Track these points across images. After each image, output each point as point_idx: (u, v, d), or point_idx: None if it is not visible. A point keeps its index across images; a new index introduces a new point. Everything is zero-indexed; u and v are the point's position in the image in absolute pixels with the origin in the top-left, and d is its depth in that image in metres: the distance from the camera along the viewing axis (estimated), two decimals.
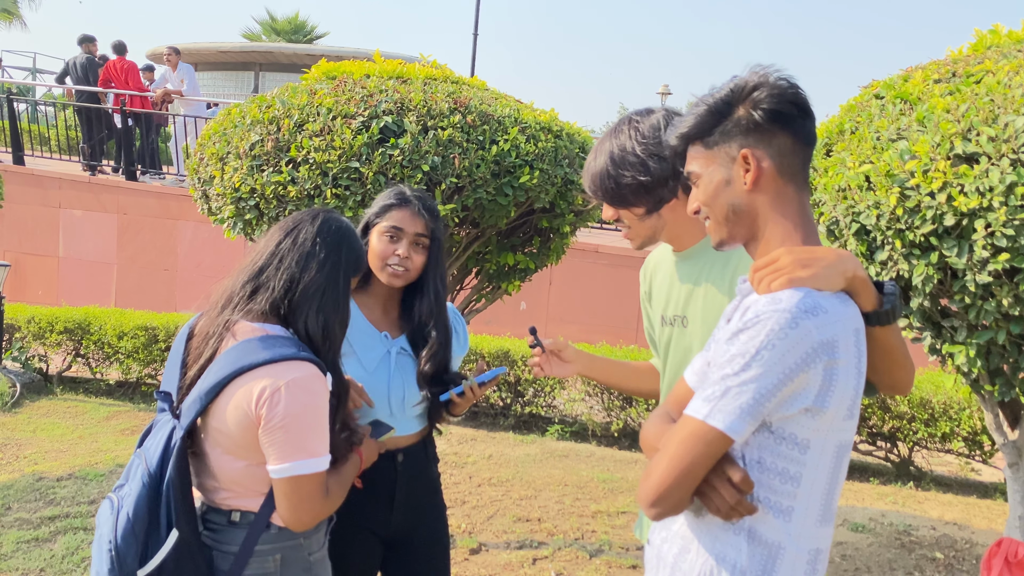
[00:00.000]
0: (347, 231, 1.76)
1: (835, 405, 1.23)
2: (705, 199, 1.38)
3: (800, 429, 1.23)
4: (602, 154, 1.74)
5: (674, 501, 1.24)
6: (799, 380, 1.19)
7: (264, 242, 1.74)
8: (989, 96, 2.43)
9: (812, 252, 1.26)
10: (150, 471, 1.60)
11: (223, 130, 3.31)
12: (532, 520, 4.16)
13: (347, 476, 1.76)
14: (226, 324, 1.66)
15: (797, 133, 1.31)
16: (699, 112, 1.35)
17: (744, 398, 1.19)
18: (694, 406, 1.23)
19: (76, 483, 4.48)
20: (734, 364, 1.20)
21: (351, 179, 2.99)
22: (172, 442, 1.61)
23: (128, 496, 1.61)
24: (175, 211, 9.68)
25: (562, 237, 3.61)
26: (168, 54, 10.75)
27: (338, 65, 3.55)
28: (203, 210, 3.51)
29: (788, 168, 1.32)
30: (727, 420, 1.20)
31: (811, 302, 1.20)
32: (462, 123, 3.09)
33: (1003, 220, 2.24)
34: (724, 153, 1.33)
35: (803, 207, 1.34)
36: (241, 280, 1.71)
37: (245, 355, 1.59)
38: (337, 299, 1.70)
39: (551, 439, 5.63)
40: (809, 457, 1.24)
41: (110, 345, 6.37)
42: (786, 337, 1.17)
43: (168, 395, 1.70)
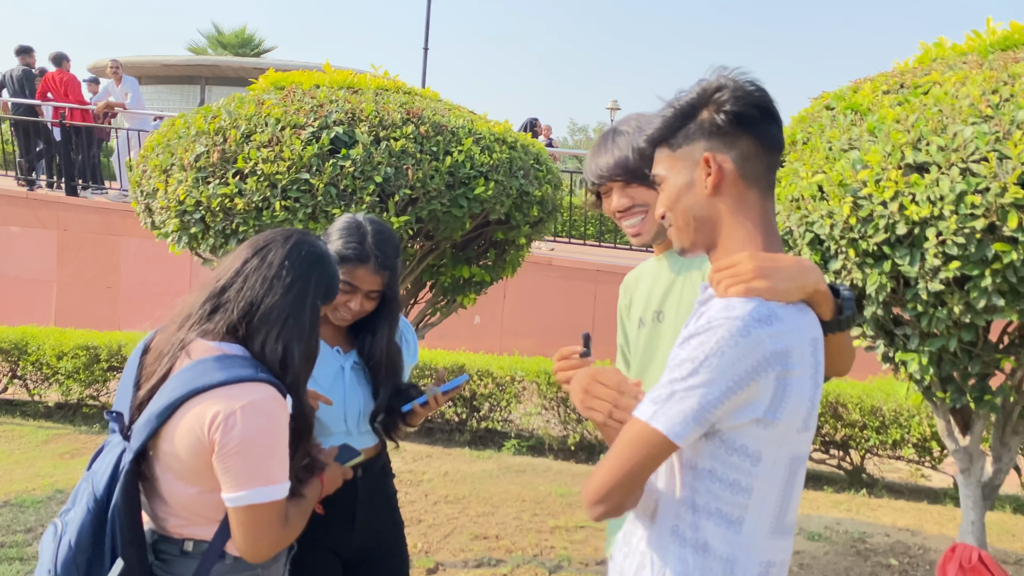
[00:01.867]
0: (320, 256, 1.67)
1: (788, 417, 1.20)
2: (668, 203, 1.35)
3: (751, 440, 1.21)
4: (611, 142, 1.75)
5: (614, 502, 1.22)
6: (749, 390, 1.16)
7: (230, 259, 1.65)
8: (937, 107, 2.47)
9: (775, 261, 1.24)
10: (96, 495, 1.51)
11: (167, 141, 3.20)
12: (490, 537, 4.09)
13: (308, 503, 1.68)
14: (181, 342, 1.57)
15: (761, 137, 1.28)
16: (666, 115, 1.32)
17: (688, 403, 1.16)
18: (641, 408, 1.21)
19: (12, 511, 4.27)
20: (682, 368, 1.17)
21: (301, 191, 2.90)
22: (121, 465, 1.52)
23: (72, 522, 1.52)
24: (118, 227, 9.41)
25: (518, 249, 3.57)
26: (112, 67, 10.48)
27: (286, 75, 3.48)
28: (146, 224, 3.38)
29: (751, 172, 1.29)
30: (669, 424, 1.17)
31: (765, 311, 1.17)
32: (415, 134, 3.03)
33: (954, 228, 2.26)
34: (688, 156, 1.31)
35: (765, 213, 1.32)
36: (201, 297, 1.61)
37: (199, 376, 1.50)
38: (302, 327, 1.60)
39: (507, 454, 5.56)
40: (761, 469, 1.22)
41: (49, 366, 6.13)
42: (736, 345, 1.15)
43: (119, 415, 1.60)
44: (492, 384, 5.70)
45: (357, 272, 1.96)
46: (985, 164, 2.23)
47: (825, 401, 5.21)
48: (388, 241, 2.02)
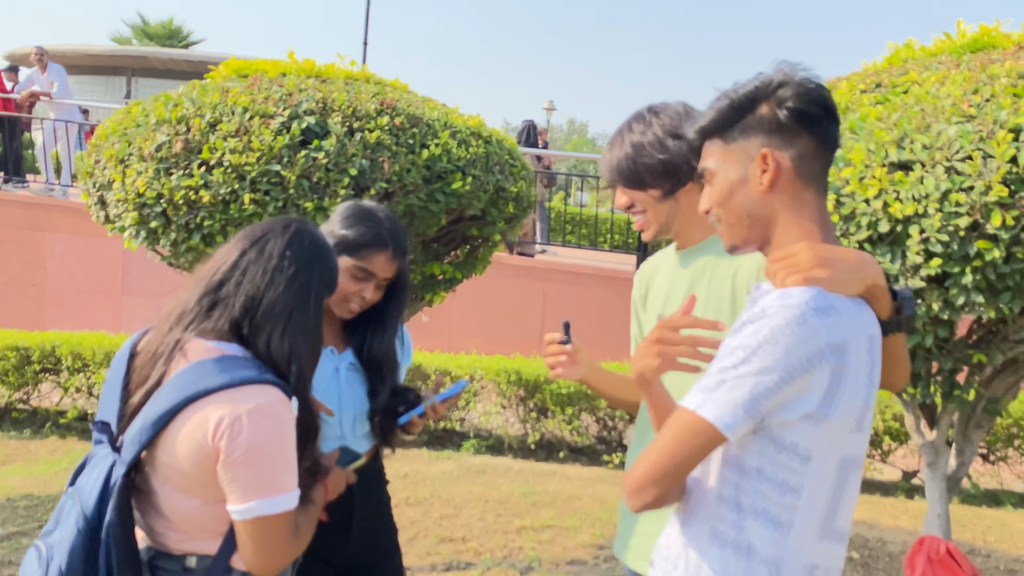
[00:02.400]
0: (322, 246, 1.57)
1: (841, 415, 1.17)
2: (719, 198, 1.31)
3: (802, 438, 1.17)
4: (620, 141, 1.71)
5: (657, 493, 1.18)
6: (802, 381, 1.13)
7: (225, 252, 1.53)
8: (919, 106, 2.50)
9: (833, 252, 1.21)
10: (86, 514, 1.38)
11: (123, 130, 3.02)
12: (456, 540, 4.01)
13: (315, 510, 1.58)
14: (177, 343, 1.45)
15: (821, 136, 1.26)
16: (720, 106, 1.28)
17: (739, 392, 1.12)
18: (689, 397, 1.17)
19: None
20: (734, 356, 1.13)
21: (271, 183, 2.77)
22: (112, 480, 1.40)
23: (59, 544, 1.39)
24: (44, 222, 8.96)
25: (491, 246, 3.50)
26: (36, 54, 9.96)
27: (250, 63, 3.33)
28: (98, 218, 3.19)
29: (808, 171, 1.26)
30: (718, 413, 1.13)
31: (823, 301, 1.14)
32: (390, 125, 2.93)
33: (937, 226, 2.29)
34: (742, 151, 1.27)
35: (822, 211, 1.29)
36: (197, 294, 1.50)
37: (199, 379, 1.39)
38: (306, 323, 1.50)
39: (467, 454, 5.49)
40: (810, 469, 1.18)
41: None
42: (792, 333, 1.11)
43: (106, 425, 1.47)
44: (449, 383, 5.61)
45: (376, 259, 1.85)
46: (969, 163, 2.26)
47: None
48: (401, 227, 1.95)
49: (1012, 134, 2.24)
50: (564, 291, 8.34)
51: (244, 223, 2.81)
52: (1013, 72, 2.46)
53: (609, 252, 9.85)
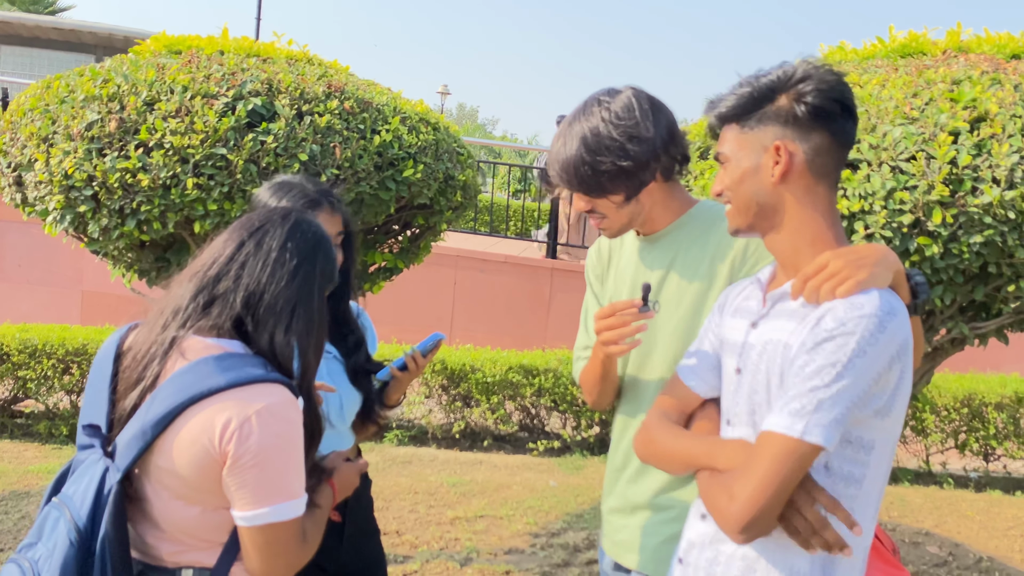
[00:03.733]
0: (322, 237, 1.48)
1: (901, 404, 1.22)
2: (730, 183, 1.33)
3: (867, 431, 1.21)
4: (572, 139, 1.60)
5: (767, 523, 1.17)
6: (880, 383, 1.17)
7: (221, 243, 1.43)
8: (863, 107, 2.62)
9: (855, 251, 1.24)
10: (78, 525, 1.27)
11: (44, 106, 2.78)
12: (390, 533, 3.94)
13: (322, 515, 1.51)
14: (173, 341, 1.35)
15: (836, 133, 1.28)
16: (741, 93, 1.29)
17: (838, 409, 1.14)
18: (782, 422, 1.16)
19: None
20: (824, 376, 1.14)
21: (216, 167, 2.63)
22: (106, 488, 1.29)
23: (47, 559, 1.27)
24: None
25: (435, 235, 3.45)
26: None
27: (182, 38, 3.13)
28: (12, 200, 2.93)
29: (820, 167, 1.28)
30: (825, 433, 1.14)
31: (888, 303, 1.17)
32: (340, 109, 2.83)
33: (882, 223, 2.41)
34: (757, 140, 1.29)
35: (832, 206, 1.32)
36: (192, 289, 1.39)
37: (201, 378, 1.30)
38: (310, 317, 1.42)
39: (390, 445, 5.40)
40: (872, 458, 1.23)
41: None
42: (876, 343, 1.14)
43: (97, 428, 1.35)
44: None
45: (319, 216, 1.77)
46: (913, 163, 2.39)
47: None
48: (326, 185, 1.90)
49: (951, 136, 2.38)
50: (474, 278, 8.32)
51: (186, 208, 2.66)
52: (948, 78, 2.61)
53: (515, 240, 9.89)
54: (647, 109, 1.59)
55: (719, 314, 1.45)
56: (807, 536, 1.19)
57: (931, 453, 5.65)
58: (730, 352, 1.36)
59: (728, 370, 1.36)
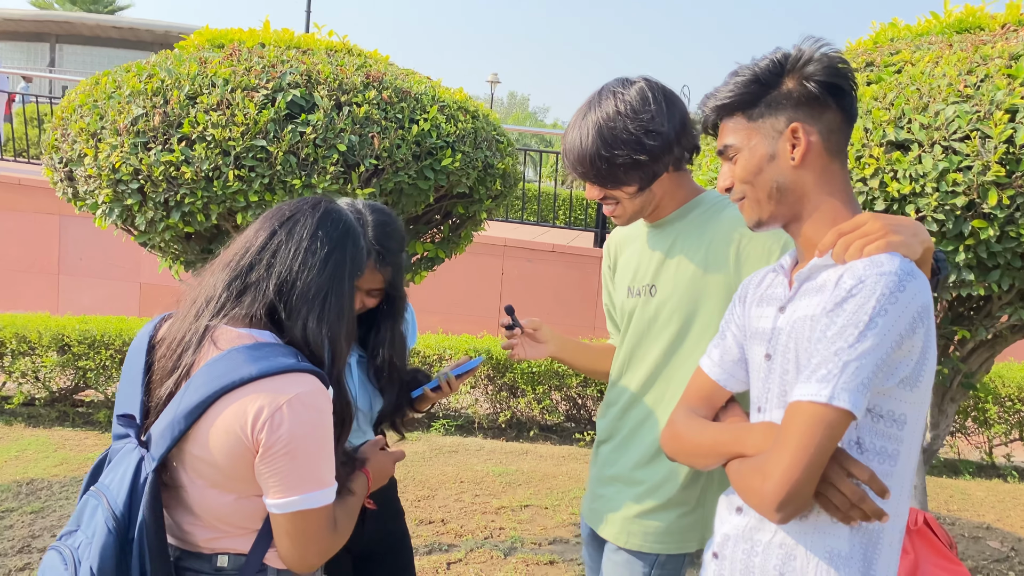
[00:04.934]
0: (352, 226, 1.49)
1: (928, 374, 1.17)
2: (744, 175, 1.29)
3: (897, 404, 1.17)
4: (588, 131, 1.63)
5: (804, 497, 1.13)
6: (904, 347, 1.12)
7: (252, 233, 1.45)
8: (915, 85, 2.52)
9: (894, 219, 1.21)
10: (116, 514, 1.29)
11: (93, 102, 2.85)
12: (436, 522, 3.97)
13: (354, 503, 1.52)
14: (206, 330, 1.37)
15: (846, 108, 1.26)
16: (742, 81, 1.26)
17: (865, 371, 1.10)
18: (808, 390, 1.11)
19: None
20: (847, 336, 1.10)
21: (256, 159, 2.66)
22: (142, 476, 1.31)
23: (88, 546, 1.30)
24: None
25: (475, 225, 3.44)
26: None
27: (225, 32, 3.17)
28: (64, 195, 3.02)
29: (835, 144, 1.27)
30: (852, 398, 1.09)
31: (908, 266, 1.13)
32: (378, 99, 2.84)
33: (934, 205, 2.32)
34: (769, 126, 1.26)
35: (847, 184, 1.30)
36: (224, 279, 1.41)
37: (233, 368, 1.31)
38: (341, 305, 1.43)
39: (436, 434, 5.43)
40: (906, 433, 1.19)
41: None
42: (897, 301, 1.10)
43: (131, 418, 1.38)
44: (418, 363, 5.53)
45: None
46: (968, 143, 2.29)
47: None
48: (391, 234, 1.83)
49: (1008, 114, 2.28)
50: (521, 267, 8.31)
51: (228, 200, 2.70)
52: (1006, 53, 2.49)
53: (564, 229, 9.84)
54: (661, 101, 1.62)
55: (740, 305, 1.42)
56: (845, 510, 1.15)
57: (994, 445, 5.45)
58: (759, 340, 1.32)
59: (756, 358, 1.32)
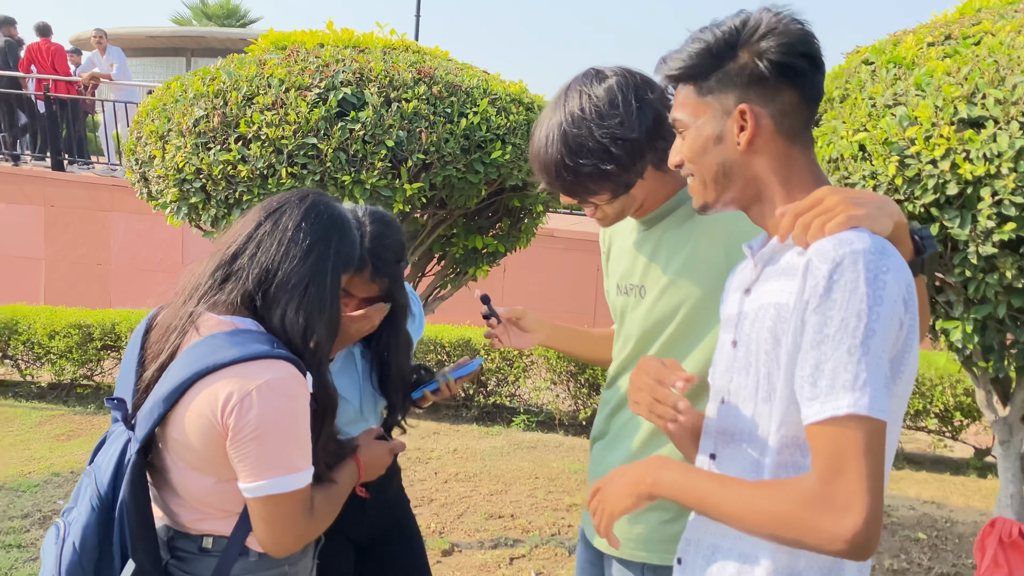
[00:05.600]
0: (339, 219, 1.50)
1: (910, 366, 1.05)
2: (691, 155, 1.18)
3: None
4: (552, 136, 1.50)
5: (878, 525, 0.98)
6: (899, 331, 1.00)
7: (241, 224, 1.48)
8: (992, 57, 2.30)
9: (857, 192, 1.08)
10: (100, 493, 1.36)
11: (162, 106, 3.01)
12: (505, 516, 3.96)
13: (339, 490, 1.53)
14: (190, 316, 1.41)
15: (805, 89, 1.12)
16: (696, 51, 1.13)
17: (884, 368, 0.97)
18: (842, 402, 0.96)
19: (7, 495, 4.12)
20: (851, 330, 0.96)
21: (308, 156, 2.72)
22: (126, 458, 1.36)
23: (75, 523, 1.37)
24: (107, 202, 9.17)
25: (534, 218, 3.41)
26: (96, 37, 10.16)
27: (288, 34, 3.28)
28: (142, 195, 3.20)
29: (789, 128, 1.13)
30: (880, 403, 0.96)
31: (879, 243, 1.01)
32: (428, 94, 2.85)
33: (1012, 187, 2.12)
34: (718, 103, 1.14)
35: (812, 167, 1.16)
36: (211, 266, 1.45)
37: (209, 353, 1.34)
38: (322, 296, 1.43)
39: (517, 430, 5.44)
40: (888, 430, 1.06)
41: (40, 345, 5.94)
42: (885, 285, 0.97)
43: (121, 402, 1.43)
44: (499, 358, 5.55)
45: (352, 280, 1.75)
46: None
47: None
48: (388, 245, 1.79)
49: None
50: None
51: None
52: None
53: None
54: (631, 101, 1.47)
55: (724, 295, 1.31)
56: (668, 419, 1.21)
57: None
58: (727, 326, 1.23)
59: (724, 344, 1.22)
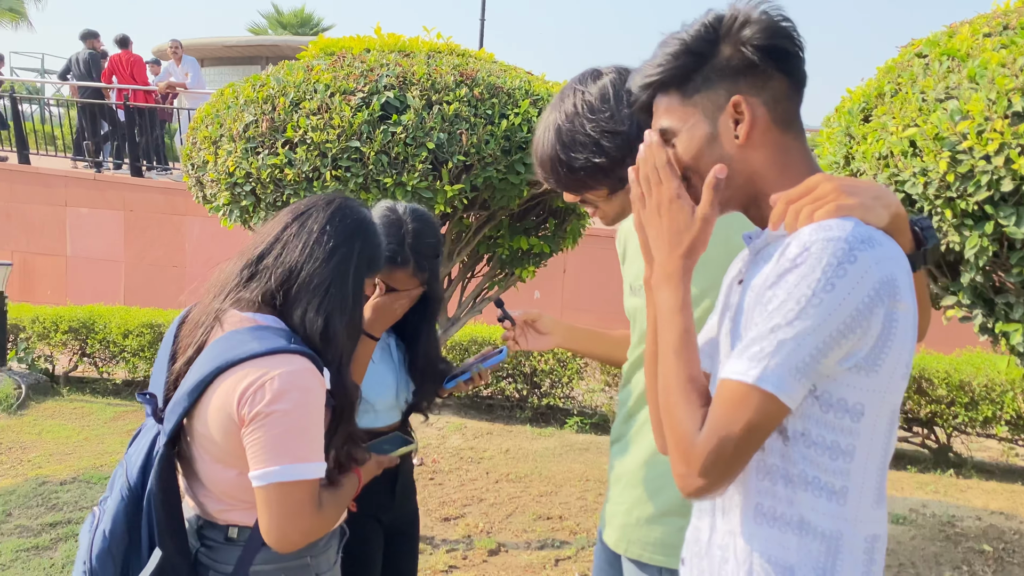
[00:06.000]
0: (364, 223, 1.54)
1: (893, 360, 1.01)
2: (687, 160, 1.13)
3: (851, 392, 1.01)
4: (548, 133, 1.51)
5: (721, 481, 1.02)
6: (858, 329, 0.97)
7: (270, 226, 1.54)
8: None
9: (852, 180, 1.05)
10: (130, 483, 1.42)
11: (215, 112, 3.11)
12: (553, 518, 3.96)
13: (344, 495, 1.56)
14: (216, 313, 1.47)
15: (792, 73, 1.09)
16: (672, 52, 1.10)
17: (800, 354, 0.96)
18: (738, 367, 0.99)
19: (80, 487, 4.33)
20: (785, 311, 0.97)
21: (351, 159, 2.78)
22: (155, 450, 1.42)
23: (107, 511, 1.44)
24: (182, 206, 9.52)
25: (579, 218, 3.40)
26: (172, 47, 10.58)
27: (337, 41, 3.35)
28: (197, 198, 3.32)
29: (783, 115, 1.10)
30: (781, 383, 0.97)
31: (864, 231, 0.98)
32: (469, 96, 2.87)
33: None
34: (708, 102, 1.10)
35: (807, 155, 1.13)
36: (238, 266, 1.50)
37: (230, 348, 1.39)
38: (344, 298, 1.47)
39: (570, 432, 5.42)
40: (863, 426, 1.03)
41: (115, 344, 6.22)
42: (845, 274, 0.95)
43: (152, 397, 1.50)
44: (553, 360, 5.54)
45: (395, 275, 1.85)
46: None
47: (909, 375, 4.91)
48: (428, 241, 1.89)
49: None
50: None
51: None
52: None
53: None
54: (623, 97, 1.45)
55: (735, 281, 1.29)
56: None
57: None
58: (721, 315, 1.21)
59: (722, 334, 1.20)
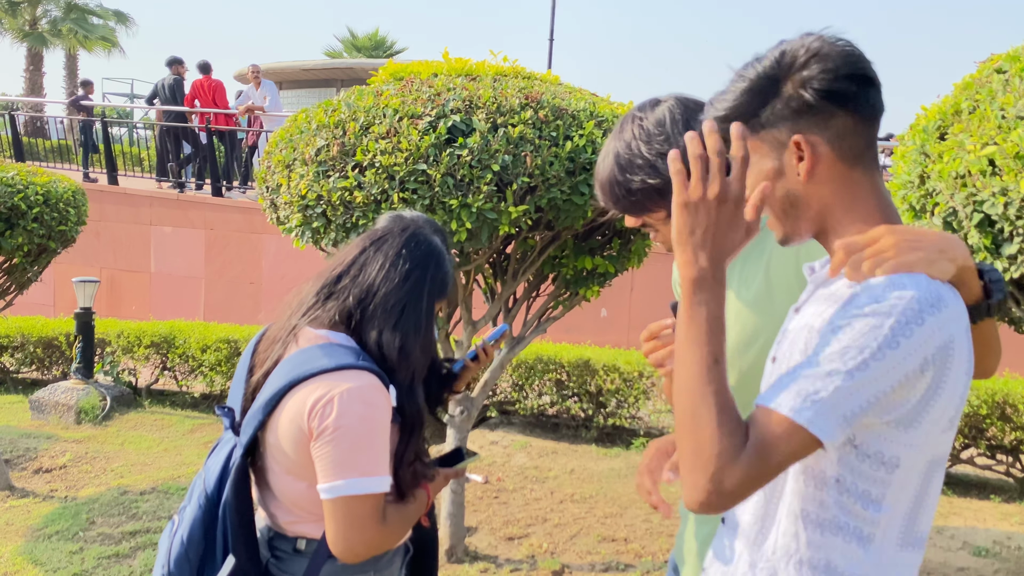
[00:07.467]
0: (436, 250, 1.60)
1: (935, 416, 1.00)
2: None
3: (888, 445, 1.01)
4: (608, 159, 1.55)
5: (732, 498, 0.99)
6: (907, 388, 0.97)
7: (347, 250, 1.61)
8: None
9: (917, 232, 1.04)
10: (207, 492, 1.50)
11: (289, 137, 3.22)
12: (618, 540, 3.92)
13: (411, 512, 1.59)
14: (292, 329, 1.53)
15: (859, 109, 1.07)
16: (740, 90, 1.11)
17: (852, 404, 0.96)
18: (787, 402, 0.98)
19: (158, 497, 4.49)
20: (847, 359, 0.96)
21: (418, 182, 2.84)
22: (231, 461, 1.49)
23: (186, 519, 1.51)
24: (259, 225, 9.84)
25: (644, 238, 3.38)
26: (251, 71, 10.98)
27: (406, 66, 3.43)
28: (272, 219, 3.43)
29: (850, 151, 1.09)
30: (830, 431, 0.96)
31: (934, 292, 0.97)
32: (534, 119, 2.90)
33: None
34: (772, 138, 1.10)
35: (877, 189, 1.11)
36: (317, 286, 1.57)
37: (303, 364, 1.45)
38: (419, 320, 1.53)
39: (636, 452, 5.36)
40: (896, 477, 1.02)
41: (194, 358, 6.45)
42: (911, 335, 0.95)
43: (230, 411, 1.58)
44: (619, 380, 5.51)
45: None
46: None
47: (991, 401, 4.70)
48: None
49: None
50: None
51: None
52: None
53: None
54: (680, 122, 1.48)
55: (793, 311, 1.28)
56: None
57: None
58: (776, 342, 1.20)
59: (769, 360, 1.20)
